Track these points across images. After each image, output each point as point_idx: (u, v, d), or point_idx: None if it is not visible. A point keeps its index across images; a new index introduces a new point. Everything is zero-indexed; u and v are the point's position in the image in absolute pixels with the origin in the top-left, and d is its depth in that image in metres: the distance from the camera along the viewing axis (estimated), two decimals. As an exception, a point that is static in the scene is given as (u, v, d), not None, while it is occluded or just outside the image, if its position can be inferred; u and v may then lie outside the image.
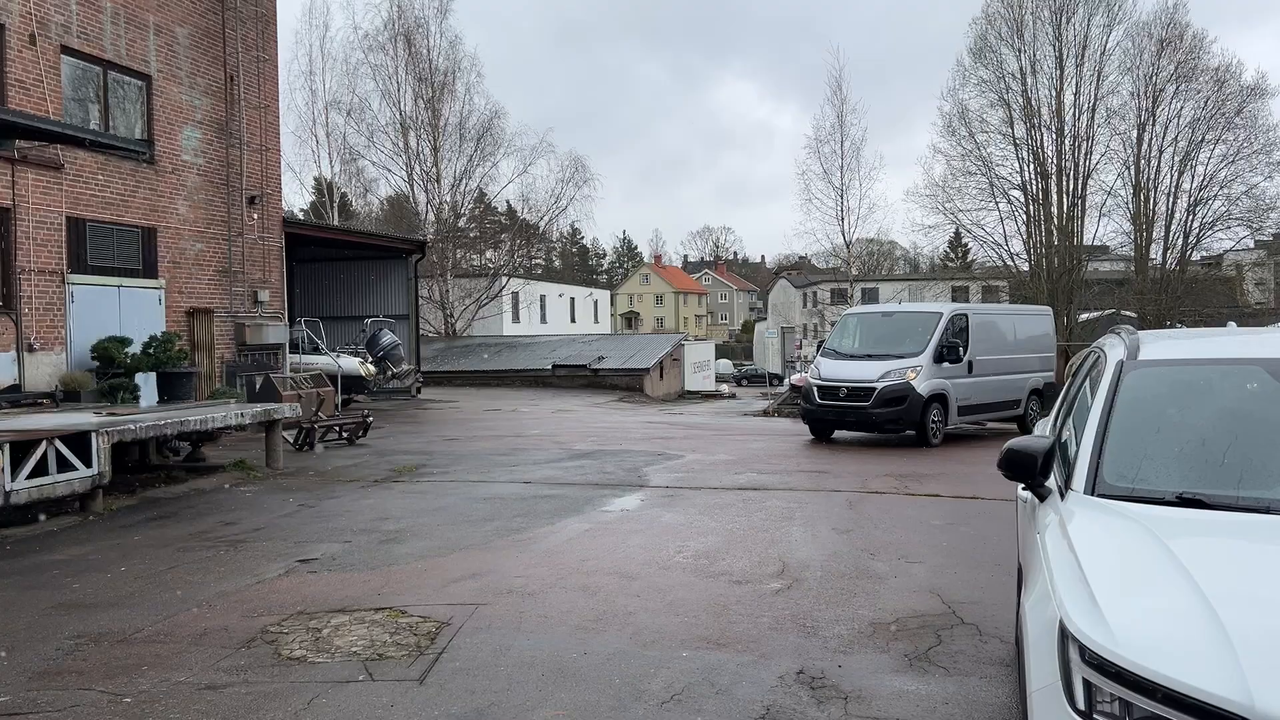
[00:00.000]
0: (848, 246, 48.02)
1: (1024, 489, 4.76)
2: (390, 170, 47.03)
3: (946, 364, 17.56)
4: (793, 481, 12.86)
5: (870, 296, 61.78)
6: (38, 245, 15.59)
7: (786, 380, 40.45)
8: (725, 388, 46.71)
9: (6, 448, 9.69)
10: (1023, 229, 41.55)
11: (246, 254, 20.34)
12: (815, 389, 17.86)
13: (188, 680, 5.62)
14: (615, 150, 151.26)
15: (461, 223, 49.20)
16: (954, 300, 58.02)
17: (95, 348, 16.05)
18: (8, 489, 9.67)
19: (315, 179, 48.45)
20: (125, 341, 16.25)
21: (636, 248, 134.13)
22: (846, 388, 17.38)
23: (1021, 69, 40.12)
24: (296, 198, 52.72)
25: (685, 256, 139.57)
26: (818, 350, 19.31)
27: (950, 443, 17.93)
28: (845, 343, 18.72)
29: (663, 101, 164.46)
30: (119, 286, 17.21)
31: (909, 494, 11.87)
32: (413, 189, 46.45)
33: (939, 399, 17.43)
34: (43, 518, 10.40)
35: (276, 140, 21.72)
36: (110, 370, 15.90)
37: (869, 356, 17.78)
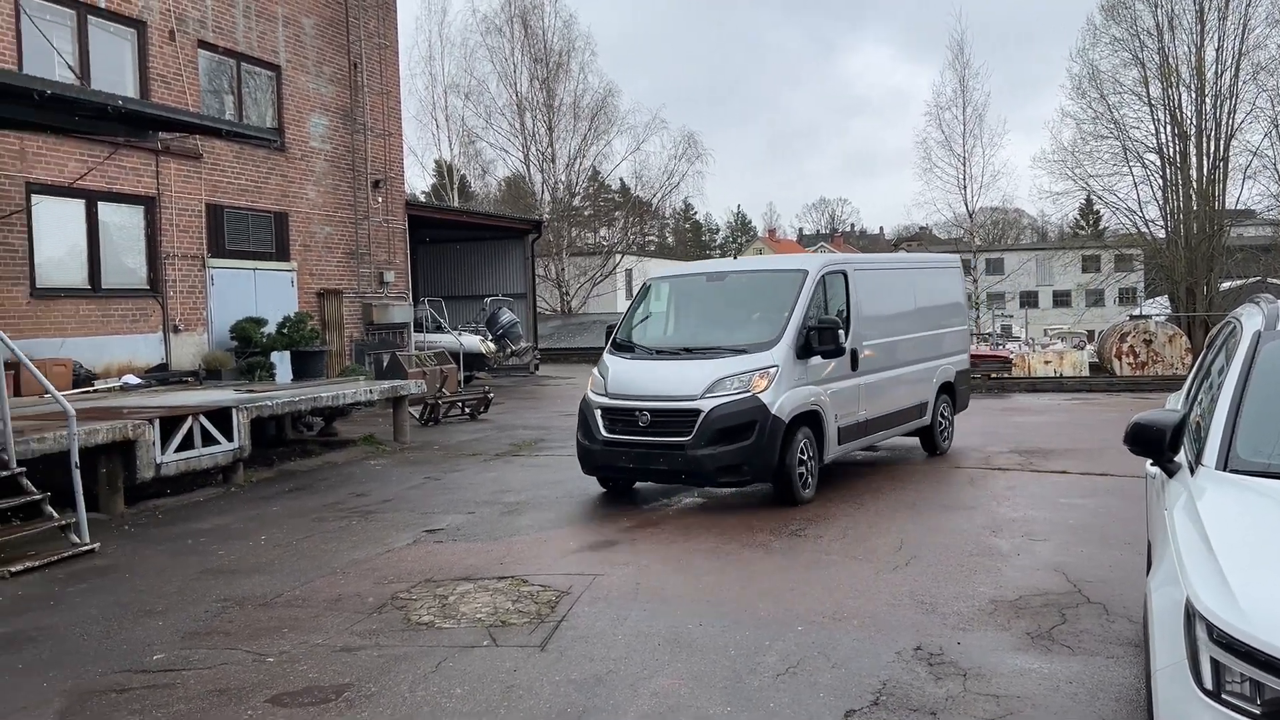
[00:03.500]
0: (970, 216, 46.59)
1: (1152, 465, 4.61)
2: (507, 151, 47.83)
3: (818, 358, 9.85)
4: (913, 457, 12.65)
5: (995, 267, 59.95)
6: (180, 231, 16.45)
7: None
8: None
9: (156, 423, 10.32)
10: (1158, 194, 39.58)
11: (372, 236, 21.03)
12: (598, 413, 9.89)
13: (324, 642, 5.93)
14: (736, 123, 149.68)
15: (576, 201, 49.72)
16: (1086, 272, 55.86)
17: (234, 328, 16.89)
18: (158, 462, 10.31)
19: (436, 162, 49.66)
20: (261, 322, 17.04)
21: (750, 222, 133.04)
22: (650, 410, 9.50)
23: (1158, 25, 38.07)
24: (418, 181, 54.13)
25: (800, 230, 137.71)
26: (608, 342, 10.88)
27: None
28: (651, 329, 11.01)
29: (793, 70, 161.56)
30: (254, 270, 18.03)
31: (1035, 470, 11.54)
32: (529, 169, 47.15)
33: (808, 421, 9.71)
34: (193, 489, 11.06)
35: (398, 125, 22.33)
36: (248, 349, 16.71)
37: (688, 353, 10.01)
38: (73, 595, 7.21)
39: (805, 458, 9.63)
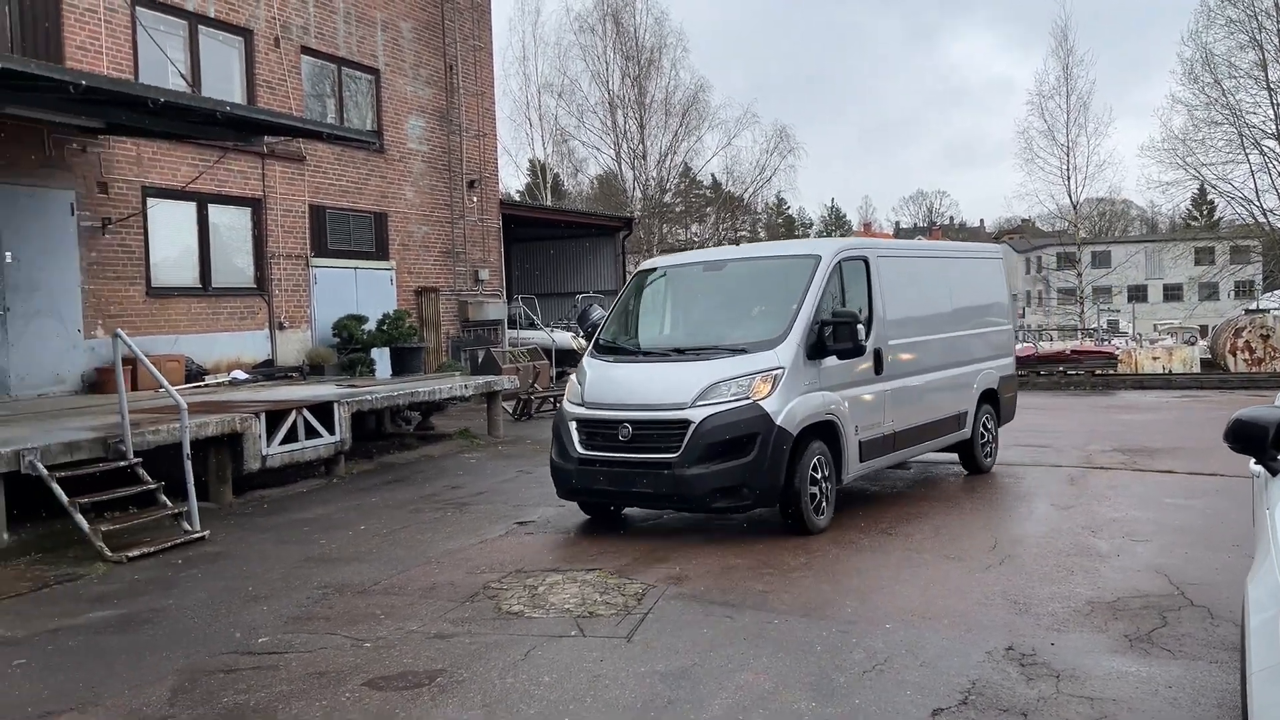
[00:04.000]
0: (1074, 207, 45.21)
1: (1256, 464, 4.43)
2: (599, 149, 48.16)
3: (833, 359, 8.46)
4: (1010, 456, 12.35)
5: (1101, 260, 57.97)
6: (285, 232, 17.05)
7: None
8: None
9: (263, 417, 10.74)
10: (1277, 182, 37.76)
11: (467, 235, 21.46)
12: (573, 425, 8.55)
13: (419, 629, 6.11)
14: (831, 115, 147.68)
15: (667, 198, 49.80)
16: (1199, 264, 53.28)
17: (336, 325, 17.44)
18: (264, 454, 10.72)
19: (530, 161, 50.31)
20: (362, 319, 17.56)
21: (845, 215, 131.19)
22: (632, 422, 8.17)
23: (1277, 5, 36.33)
24: (512, 180, 54.91)
25: (897, 223, 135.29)
26: (584, 338, 9.83)
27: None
28: (639, 327, 9.65)
29: (891, 59, 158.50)
30: (355, 269, 18.58)
31: (1138, 469, 11.16)
32: (620, 166, 47.41)
33: (822, 433, 8.35)
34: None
35: (493, 125, 22.72)
36: (349, 346, 17.24)
37: (679, 353, 8.64)
38: (184, 580, 7.56)
39: (819, 477, 8.21)
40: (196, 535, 8.79)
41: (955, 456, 11.19)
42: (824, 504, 8.30)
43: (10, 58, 10.00)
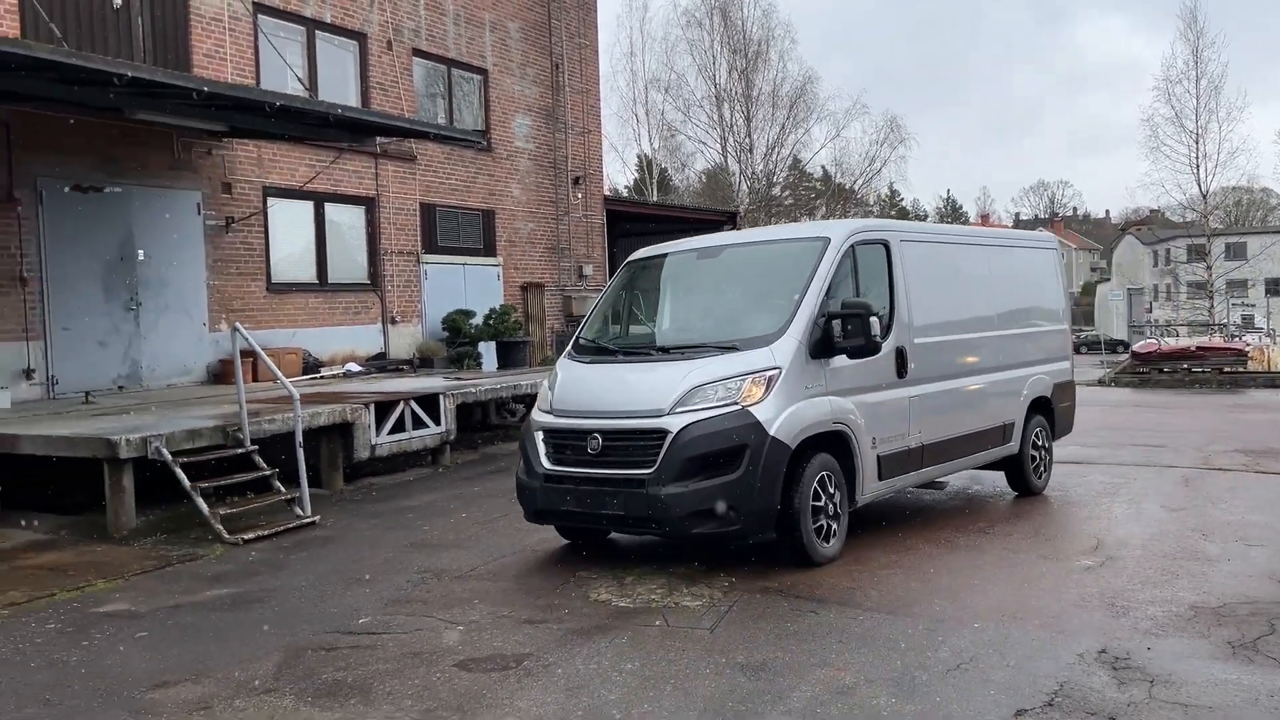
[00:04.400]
0: (1204, 197, 43.08)
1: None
2: (705, 143, 48.12)
3: (842, 358, 7.35)
4: (1122, 455, 11.96)
5: (1236, 252, 55.08)
6: (397, 229, 17.62)
7: (1131, 347, 37.08)
8: (1058, 355, 43.60)
9: (372, 407, 11.16)
10: None
11: (572, 231, 21.76)
12: (539, 436, 7.49)
13: (509, 614, 6.30)
14: (947, 103, 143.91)
15: (776, 191, 49.43)
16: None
17: (445, 320, 17.94)
18: (373, 443, 11.14)
19: (637, 156, 50.60)
20: (470, 314, 18.01)
21: (961, 207, 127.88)
22: (602, 431, 7.11)
23: None
24: (619, 176, 55.34)
25: (1017, 214, 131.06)
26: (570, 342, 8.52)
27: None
28: (622, 323, 8.71)
29: (1012, 44, 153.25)
30: (464, 264, 19.07)
31: (1261, 472, 10.66)
32: (726, 160, 47.26)
33: (829, 446, 7.26)
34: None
35: (597, 122, 22.97)
36: (458, 340, 17.71)
37: (663, 352, 7.66)
38: (294, 562, 7.95)
39: (825, 497, 7.09)
40: (307, 520, 9.20)
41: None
42: (832, 528, 7.17)
43: (139, 66, 10.63)
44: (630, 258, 8.94)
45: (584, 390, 7.48)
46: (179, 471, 8.77)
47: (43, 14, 11.64)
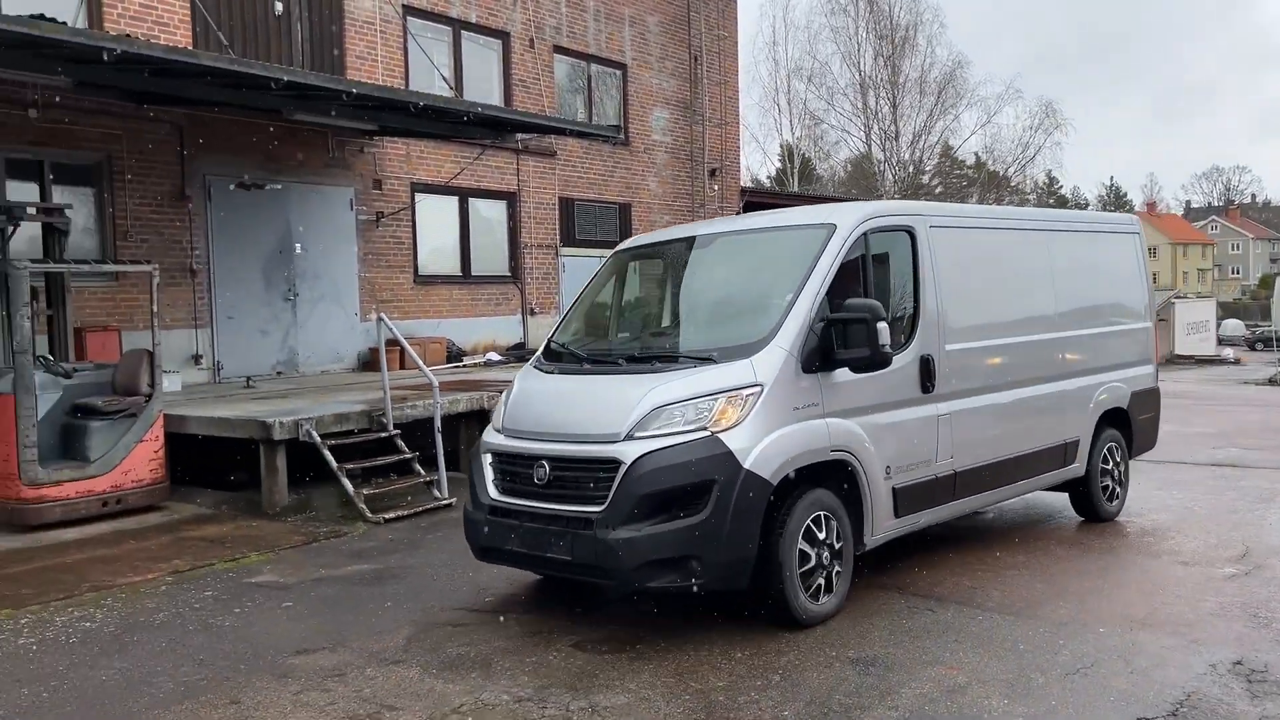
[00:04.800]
0: (1399, 181, 39.60)
1: None
2: (849, 132, 47.33)
3: (844, 371, 6.03)
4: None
5: None
6: (536, 223, 18.09)
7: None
8: (1229, 352, 41.05)
9: (507, 395, 11.52)
10: None
11: (709, 222, 21.81)
12: (487, 460, 6.34)
13: (626, 599, 6.45)
14: (1109, 87, 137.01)
15: (924, 178, 48.19)
16: None
17: (582, 311, 18.32)
18: (508, 430, 11.50)
19: (781, 146, 50.20)
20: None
21: (1125, 195, 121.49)
22: (550, 458, 5.89)
23: None
24: (760, 166, 55.03)
25: (1187, 202, 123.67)
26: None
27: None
28: (596, 326, 7.57)
29: (1184, 21, 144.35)
30: (600, 257, 19.33)
31: None
32: (870, 148, 46.38)
33: (826, 478, 5.98)
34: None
35: (735, 114, 22.95)
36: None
37: (632, 362, 6.35)
38: (430, 541, 8.34)
39: (818, 543, 5.79)
40: (445, 502, 9.62)
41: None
42: (831, 579, 5.89)
43: (294, 71, 11.28)
44: (619, 246, 7.75)
45: (537, 407, 6.25)
46: (327, 453, 9.30)
47: (212, 24, 12.48)
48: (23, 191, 11.44)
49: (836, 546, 5.93)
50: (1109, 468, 8.33)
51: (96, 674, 5.42)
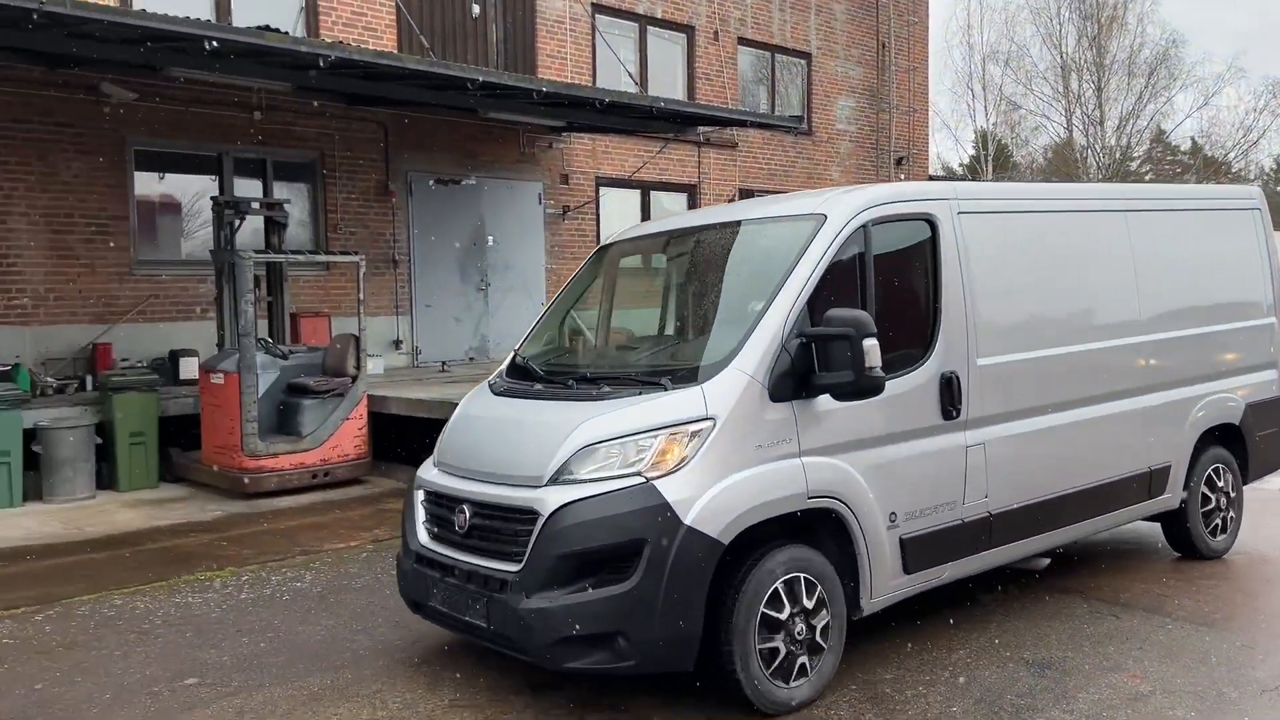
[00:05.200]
0: None
1: None
2: (1048, 117, 45.05)
3: (825, 400, 4.78)
4: None
5: None
6: (718, 214, 18.23)
7: None
8: None
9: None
10: None
11: (894, 213, 21.36)
12: (419, 497, 5.32)
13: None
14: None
15: (1133, 165, 45.36)
16: None
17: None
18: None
19: (975, 133, 48.39)
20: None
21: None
22: (472, 503, 4.88)
23: None
24: (951, 154, 53.13)
25: None
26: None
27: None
28: (559, 337, 6.28)
29: None
30: (782, 248, 19.35)
31: None
32: (1071, 134, 44.01)
33: (804, 532, 4.80)
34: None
35: (924, 101, 22.35)
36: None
37: (584, 384, 5.07)
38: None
39: (789, 613, 4.62)
40: (622, 487, 9.90)
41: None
42: (814, 653, 4.72)
43: (488, 71, 11.84)
44: (603, 241, 6.67)
45: (469, 437, 5.30)
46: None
47: (415, 27, 13.24)
48: (247, 187, 12.52)
49: (817, 616, 4.71)
50: (1212, 496, 6.91)
51: (306, 629, 5.96)
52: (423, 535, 5.17)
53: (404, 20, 13.42)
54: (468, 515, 4.86)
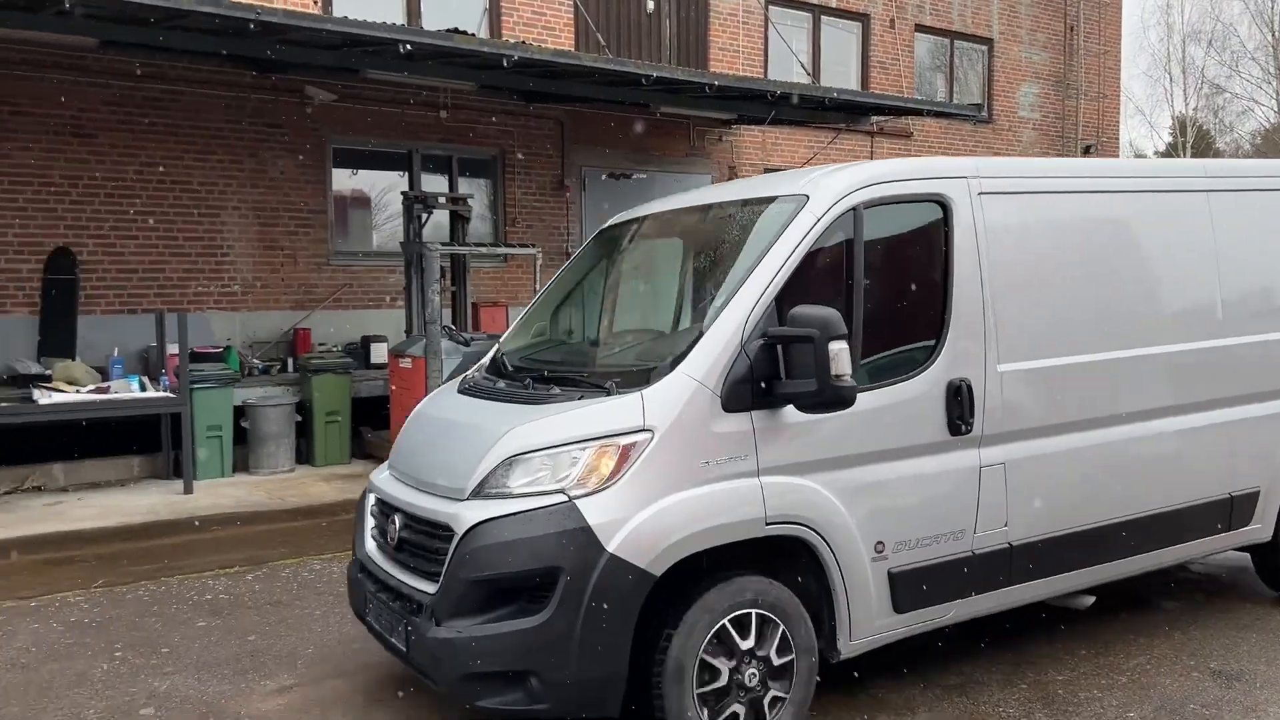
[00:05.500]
0: None
1: None
2: (1257, 101, 41.88)
3: (792, 410, 4.10)
4: None
5: None
6: (890, 206, 17.89)
7: None
8: None
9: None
10: None
11: (1079, 203, 20.40)
12: (371, 500, 4.83)
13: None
14: None
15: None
16: None
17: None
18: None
19: (1172, 118, 45.48)
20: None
21: None
22: (403, 513, 4.41)
23: None
24: (1145, 141, 50.08)
25: None
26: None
27: None
28: (536, 330, 5.59)
29: None
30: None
31: None
32: (1284, 118, 40.72)
33: (764, 560, 4.16)
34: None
35: (1115, 86, 21.22)
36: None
37: (538, 384, 4.48)
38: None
39: (740, 657, 4.01)
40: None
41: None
42: (762, 708, 4.06)
43: (661, 67, 12.04)
44: (606, 222, 5.92)
45: (418, 439, 4.83)
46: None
47: (591, 25, 13.59)
48: (433, 183, 13.18)
49: (778, 661, 4.06)
50: None
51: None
52: (368, 543, 4.73)
53: (581, 18, 13.80)
54: (398, 526, 4.42)
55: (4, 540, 7.70)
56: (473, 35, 10.64)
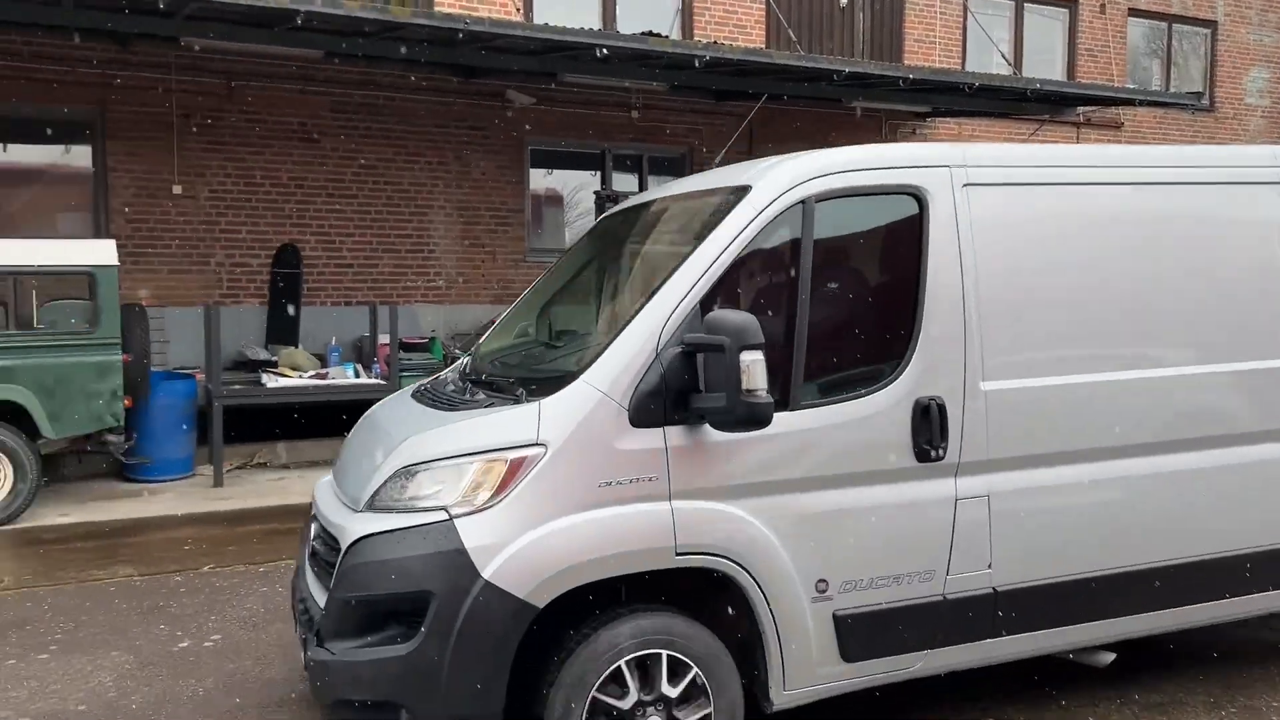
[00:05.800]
0: None
1: None
2: None
3: (706, 429, 3.59)
4: None
5: None
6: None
7: None
8: None
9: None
10: None
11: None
12: (316, 512, 4.26)
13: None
14: None
15: None
16: None
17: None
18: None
19: None
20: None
21: None
22: (317, 523, 4.15)
23: None
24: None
25: None
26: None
27: None
28: (510, 326, 5.16)
29: None
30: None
31: None
32: None
33: (679, 594, 3.72)
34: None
35: (1361, 66, 19.35)
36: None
37: (475, 389, 4.17)
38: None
39: (632, 705, 3.58)
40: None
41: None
42: None
43: (854, 62, 11.90)
44: (608, 210, 5.47)
45: (352, 443, 4.55)
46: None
47: (783, 21, 13.58)
48: (623, 182, 13.52)
49: (688, 706, 3.65)
50: None
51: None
52: (303, 551, 4.37)
53: (772, 15, 13.80)
54: (313, 534, 4.18)
55: (238, 510, 8.51)
56: (666, 37, 10.86)
